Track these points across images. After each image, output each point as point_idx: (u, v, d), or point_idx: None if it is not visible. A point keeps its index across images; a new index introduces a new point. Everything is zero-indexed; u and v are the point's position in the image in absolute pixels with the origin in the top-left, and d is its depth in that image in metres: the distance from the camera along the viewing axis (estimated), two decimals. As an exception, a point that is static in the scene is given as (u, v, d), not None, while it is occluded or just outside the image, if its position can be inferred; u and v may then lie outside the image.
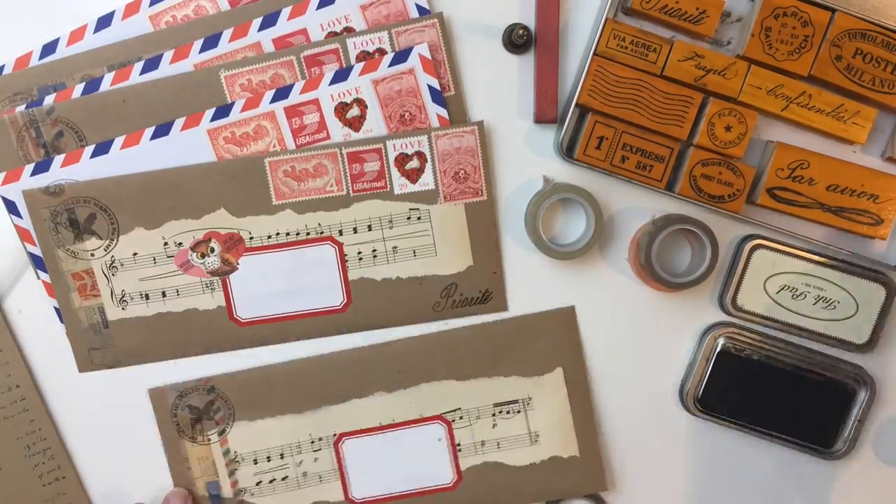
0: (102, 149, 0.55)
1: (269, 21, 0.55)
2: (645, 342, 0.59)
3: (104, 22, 0.56)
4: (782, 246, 0.57)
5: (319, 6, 0.55)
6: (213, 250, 0.56)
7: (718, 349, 0.58)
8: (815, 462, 0.59)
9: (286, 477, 0.58)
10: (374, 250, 0.57)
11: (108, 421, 0.58)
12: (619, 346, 0.59)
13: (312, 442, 0.58)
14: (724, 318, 0.59)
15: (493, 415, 0.58)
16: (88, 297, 0.56)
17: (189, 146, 0.55)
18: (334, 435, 0.58)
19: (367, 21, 0.56)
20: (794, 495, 0.60)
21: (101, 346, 0.57)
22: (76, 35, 0.56)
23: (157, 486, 0.58)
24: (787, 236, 0.57)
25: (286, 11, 0.55)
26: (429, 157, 0.56)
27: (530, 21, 0.57)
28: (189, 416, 0.57)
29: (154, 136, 0.55)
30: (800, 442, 0.58)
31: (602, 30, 0.54)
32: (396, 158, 0.56)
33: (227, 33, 0.55)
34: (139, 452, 0.58)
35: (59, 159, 0.55)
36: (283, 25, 0.55)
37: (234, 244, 0.56)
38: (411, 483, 0.59)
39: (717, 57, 0.55)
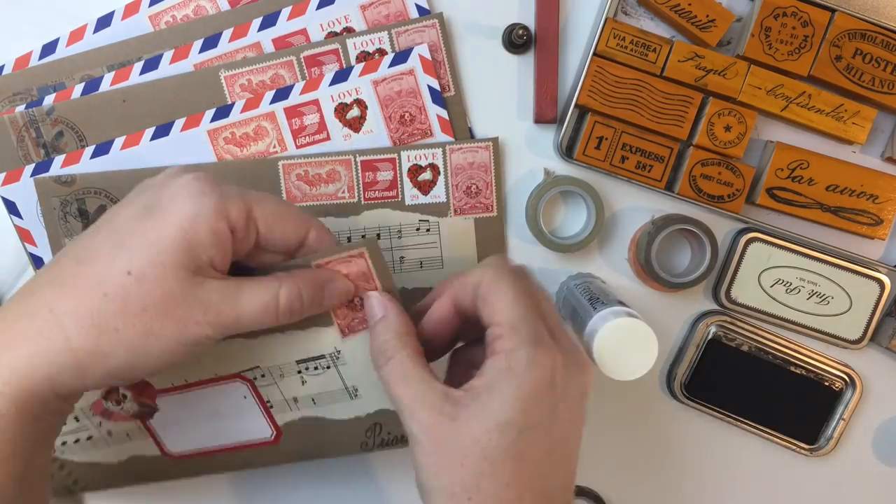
0: (102, 149, 0.55)
1: (269, 21, 0.55)
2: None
3: (104, 22, 0.56)
4: (778, 240, 0.57)
5: (319, 6, 0.55)
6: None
7: (710, 337, 0.58)
8: (794, 456, 0.60)
9: (91, 437, 0.53)
10: None
11: (108, 421, 0.58)
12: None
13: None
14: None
15: (299, 372, 0.50)
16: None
17: (189, 147, 0.55)
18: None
19: (367, 21, 0.56)
20: (776, 487, 0.61)
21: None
22: (76, 35, 0.55)
23: (158, 486, 0.58)
24: (784, 233, 0.58)
25: (286, 12, 0.55)
26: (442, 169, 0.56)
27: (530, 21, 0.57)
28: None
29: (154, 137, 0.55)
30: (782, 437, 0.59)
31: (602, 29, 0.54)
32: (409, 169, 0.56)
33: (226, 33, 0.55)
34: (140, 452, 0.58)
35: (59, 160, 0.55)
36: (283, 25, 0.55)
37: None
38: (228, 438, 0.53)
39: (717, 57, 0.55)
